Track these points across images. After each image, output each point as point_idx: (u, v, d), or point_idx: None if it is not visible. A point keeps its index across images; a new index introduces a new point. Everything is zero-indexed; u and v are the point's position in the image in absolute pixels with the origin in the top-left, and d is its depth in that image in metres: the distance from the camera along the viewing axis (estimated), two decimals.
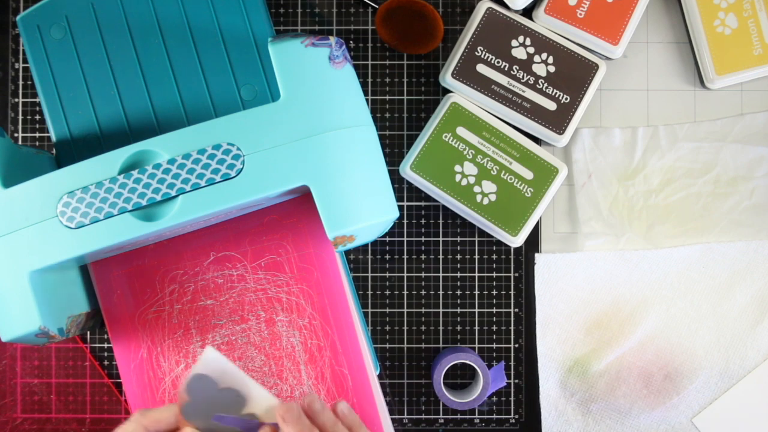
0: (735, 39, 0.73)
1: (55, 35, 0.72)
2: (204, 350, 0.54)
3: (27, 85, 0.77)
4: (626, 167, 0.76)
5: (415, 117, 0.76)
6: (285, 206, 0.72)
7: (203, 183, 0.61)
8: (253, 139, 0.62)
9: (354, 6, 0.77)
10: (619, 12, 0.72)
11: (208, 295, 0.72)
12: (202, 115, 0.72)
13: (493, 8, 0.73)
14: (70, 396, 0.75)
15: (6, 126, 0.76)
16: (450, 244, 0.76)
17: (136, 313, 0.72)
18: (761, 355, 0.75)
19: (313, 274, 0.71)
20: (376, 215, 0.64)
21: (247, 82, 0.72)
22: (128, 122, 0.73)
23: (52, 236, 0.62)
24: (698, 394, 0.74)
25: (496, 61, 0.72)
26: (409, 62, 0.76)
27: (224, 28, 0.72)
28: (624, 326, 0.75)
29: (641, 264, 0.75)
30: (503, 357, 0.76)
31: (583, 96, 0.72)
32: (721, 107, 0.76)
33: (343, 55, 0.66)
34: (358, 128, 0.65)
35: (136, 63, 0.73)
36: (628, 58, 0.76)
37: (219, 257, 0.72)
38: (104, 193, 0.62)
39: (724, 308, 0.75)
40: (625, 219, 0.75)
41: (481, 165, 0.72)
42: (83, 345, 0.75)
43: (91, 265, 0.72)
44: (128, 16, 0.73)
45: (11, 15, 0.77)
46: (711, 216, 0.75)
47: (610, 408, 0.75)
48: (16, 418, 0.75)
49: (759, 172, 0.75)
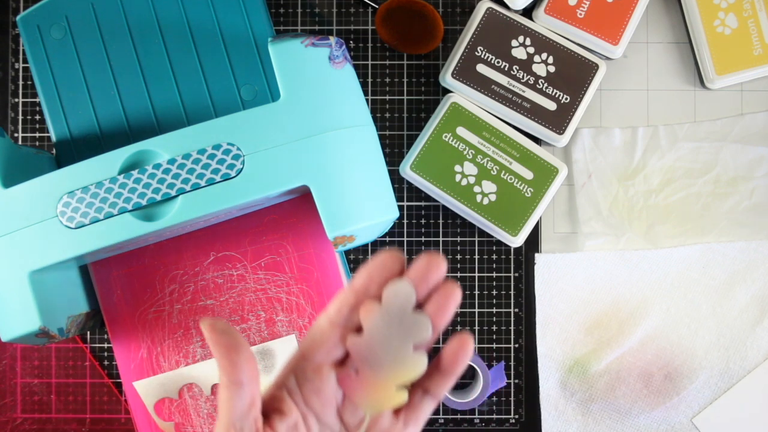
0: (735, 39, 0.73)
1: (55, 35, 0.72)
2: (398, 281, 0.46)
3: (27, 85, 0.77)
4: (626, 167, 0.76)
5: (415, 117, 0.76)
6: (285, 206, 0.72)
7: (203, 183, 0.61)
8: (253, 139, 0.62)
9: (354, 6, 0.77)
10: (619, 12, 0.72)
11: (208, 295, 0.72)
12: (202, 115, 0.72)
13: (493, 8, 0.73)
14: (70, 396, 0.75)
15: (6, 126, 0.76)
16: (450, 244, 0.76)
17: (136, 313, 0.72)
18: (761, 355, 0.75)
19: (313, 274, 0.71)
20: (376, 215, 0.64)
21: (247, 82, 0.72)
22: (128, 122, 0.73)
23: (52, 236, 0.62)
24: (698, 394, 0.74)
25: (496, 61, 0.72)
26: (409, 62, 0.76)
27: (224, 28, 0.72)
28: (624, 326, 0.75)
29: (641, 264, 0.75)
30: (503, 357, 0.76)
31: (583, 96, 0.72)
32: (721, 107, 0.76)
33: (343, 55, 0.66)
34: (358, 128, 0.65)
35: (136, 63, 0.73)
36: (628, 58, 0.76)
37: (219, 257, 0.72)
38: (104, 193, 0.62)
39: (724, 308, 0.75)
40: (625, 219, 0.75)
41: (481, 165, 0.72)
42: (83, 345, 0.75)
43: (91, 265, 0.72)
44: (128, 16, 0.73)
45: (11, 15, 0.77)
46: (711, 216, 0.75)
47: (610, 408, 0.75)
48: (16, 418, 0.75)
49: (759, 172, 0.75)
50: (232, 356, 0.44)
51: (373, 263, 0.46)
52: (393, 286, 0.45)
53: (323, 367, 0.46)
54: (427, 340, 0.46)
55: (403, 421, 0.47)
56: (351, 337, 0.46)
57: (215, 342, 0.44)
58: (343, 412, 0.47)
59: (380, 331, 0.46)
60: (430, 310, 0.46)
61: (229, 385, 0.44)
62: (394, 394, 0.46)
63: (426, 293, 0.46)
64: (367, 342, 0.46)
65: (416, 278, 0.46)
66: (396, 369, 0.46)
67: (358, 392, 0.47)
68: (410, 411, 0.47)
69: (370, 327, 0.46)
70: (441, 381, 0.47)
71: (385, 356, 0.46)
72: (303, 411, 0.46)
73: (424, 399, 0.47)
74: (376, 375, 0.46)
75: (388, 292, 0.45)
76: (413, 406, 0.47)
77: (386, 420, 0.47)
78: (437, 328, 0.46)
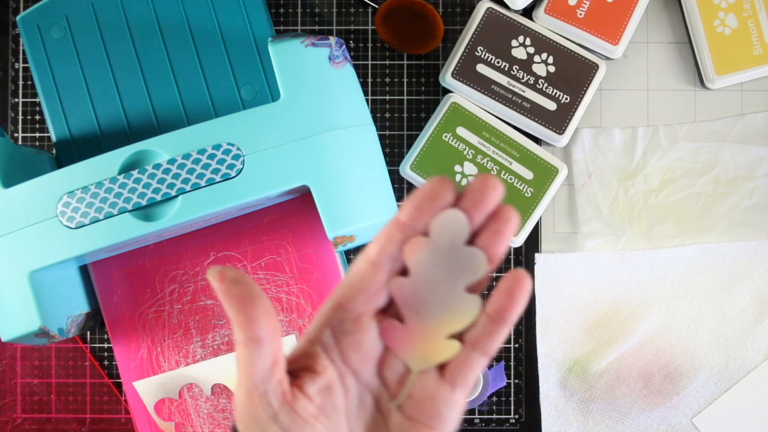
0: (735, 39, 0.73)
1: (55, 35, 0.72)
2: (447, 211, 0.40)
3: (27, 85, 0.77)
4: (626, 167, 0.76)
5: (415, 117, 0.76)
6: (285, 206, 0.72)
7: (203, 183, 0.62)
8: (253, 139, 0.62)
9: (354, 6, 0.77)
10: (619, 12, 0.72)
11: (208, 295, 0.72)
12: (202, 115, 0.72)
13: (493, 8, 0.73)
14: (70, 396, 0.75)
15: (6, 126, 0.76)
16: None
17: (136, 313, 0.72)
18: (761, 355, 0.75)
19: (313, 274, 0.71)
20: (376, 215, 0.64)
21: (247, 82, 0.72)
22: (128, 122, 0.73)
23: (52, 236, 0.62)
24: (698, 394, 0.74)
25: (496, 61, 0.72)
26: (409, 62, 0.76)
27: (224, 28, 0.72)
28: (624, 326, 0.75)
29: (641, 264, 0.75)
30: (503, 357, 0.76)
31: (583, 96, 0.72)
32: (721, 107, 0.76)
33: (343, 55, 0.66)
34: (358, 128, 0.65)
35: (136, 63, 0.73)
36: (628, 58, 0.76)
37: (219, 257, 0.72)
38: (104, 193, 0.62)
39: (724, 308, 0.75)
40: (625, 219, 0.75)
41: (481, 165, 0.72)
42: (83, 345, 0.75)
43: (91, 265, 0.72)
44: (128, 16, 0.73)
45: (11, 15, 0.77)
46: (711, 216, 0.75)
47: (610, 408, 0.75)
48: (16, 418, 0.75)
49: (759, 172, 0.75)
50: (247, 309, 0.38)
51: (420, 192, 0.39)
52: (442, 217, 0.39)
53: (363, 316, 0.40)
54: (482, 278, 0.40)
55: (450, 381, 0.40)
56: (395, 281, 0.40)
57: (226, 293, 0.38)
58: (383, 369, 0.41)
59: (428, 270, 0.40)
60: (484, 242, 0.39)
61: (247, 342, 0.38)
62: (445, 345, 0.40)
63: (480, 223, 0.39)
64: (413, 284, 0.40)
65: (469, 205, 0.39)
66: (447, 315, 0.40)
67: (403, 344, 0.41)
68: (458, 370, 0.40)
69: (416, 266, 0.40)
70: (493, 332, 0.40)
71: (434, 300, 0.40)
72: (340, 369, 0.40)
73: (473, 355, 0.40)
74: (424, 323, 0.40)
75: (436, 224, 0.39)
76: (461, 364, 0.40)
77: (431, 381, 0.40)
78: (493, 261, 0.39)
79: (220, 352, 0.72)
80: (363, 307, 0.40)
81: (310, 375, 0.40)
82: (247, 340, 0.38)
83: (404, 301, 0.40)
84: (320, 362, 0.40)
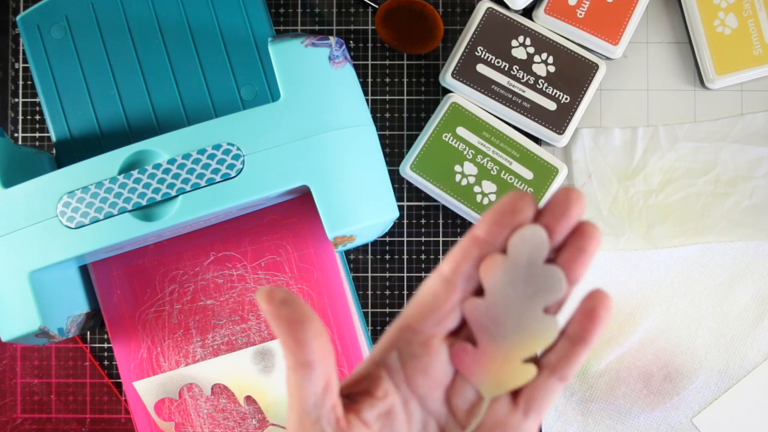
0: (735, 39, 0.73)
1: (55, 35, 0.72)
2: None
3: (27, 85, 0.77)
4: (626, 167, 0.76)
5: (415, 117, 0.76)
6: (285, 206, 0.72)
7: (203, 183, 0.62)
8: (253, 139, 0.62)
9: (354, 6, 0.77)
10: (619, 12, 0.72)
11: (208, 295, 0.72)
12: (202, 115, 0.72)
13: (493, 8, 0.73)
14: (70, 396, 0.75)
15: (6, 126, 0.76)
16: (450, 244, 0.76)
17: (136, 313, 0.72)
18: (761, 355, 0.75)
19: (313, 274, 0.71)
20: (376, 215, 0.64)
21: (247, 82, 0.72)
22: (128, 122, 0.73)
23: (52, 236, 0.62)
24: (698, 394, 0.74)
25: (496, 61, 0.72)
26: (409, 62, 0.76)
27: (224, 28, 0.73)
28: (624, 326, 0.75)
29: (641, 264, 0.75)
30: None
31: (583, 96, 0.72)
32: (721, 107, 0.76)
33: (343, 55, 0.66)
34: (358, 128, 0.65)
35: (136, 63, 0.73)
36: (628, 58, 0.76)
37: (219, 257, 0.72)
38: (104, 193, 0.62)
39: (724, 308, 0.75)
40: (625, 219, 0.75)
41: (481, 165, 0.72)
42: (83, 345, 0.75)
43: (91, 265, 0.72)
44: (128, 16, 0.73)
45: (11, 15, 0.77)
46: (711, 216, 0.75)
47: (610, 408, 0.75)
48: (16, 418, 0.75)
49: (759, 172, 0.75)
50: (296, 332, 0.35)
51: (498, 205, 0.37)
52: (521, 233, 0.37)
53: (434, 339, 0.38)
54: (561, 299, 0.38)
55: (523, 409, 0.38)
56: (469, 301, 0.38)
57: (275, 315, 0.36)
58: (452, 396, 0.39)
59: (505, 290, 0.37)
60: (564, 260, 0.37)
61: (297, 367, 0.36)
62: (521, 369, 0.38)
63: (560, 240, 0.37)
64: (488, 306, 0.38)
65: (550, 220, 0.36)
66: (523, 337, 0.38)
67: (475, 369, 0.38)
68: (533, 396, 0.38)
69: (492, 286, 0.37)
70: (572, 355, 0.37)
71: (510, 321, 0.38)
72: (404, 394, 0.38)
73: (550, 380, 0.38)
74: (499, 346, 0.38)
75: (515, 241, 0.37)
76: (537, 389, 0.38)
77: (503, 407, 0.38)
78: (573, 282, 0.37)
79: (220, 352, 0.72)
80: (433, 329, 0.38)
81: (369, 400, 0.38)
82: (297, 364, 0.36)
83: (478, 322, 0.38)
84: (382, 386, 0.38)
